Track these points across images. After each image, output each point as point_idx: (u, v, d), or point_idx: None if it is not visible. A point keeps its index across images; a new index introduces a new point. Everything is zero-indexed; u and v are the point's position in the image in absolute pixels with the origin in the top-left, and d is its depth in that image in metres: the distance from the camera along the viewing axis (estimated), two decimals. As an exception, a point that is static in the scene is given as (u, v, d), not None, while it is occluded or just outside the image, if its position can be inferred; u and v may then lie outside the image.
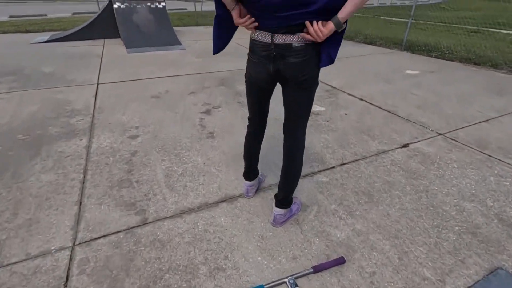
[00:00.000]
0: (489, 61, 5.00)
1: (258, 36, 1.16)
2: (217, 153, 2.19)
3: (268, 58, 1.16)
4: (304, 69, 1.16)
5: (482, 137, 2.42)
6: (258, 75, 1.24)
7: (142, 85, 3.62)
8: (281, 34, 1.10)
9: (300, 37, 1.09)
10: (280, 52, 1.13)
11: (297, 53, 1.12)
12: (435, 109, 2.98)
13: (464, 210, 1.62)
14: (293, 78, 1.18)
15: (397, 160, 2.11)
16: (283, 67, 1.16)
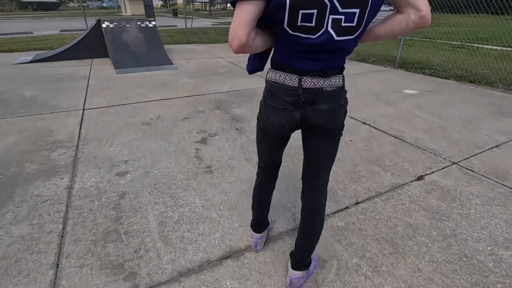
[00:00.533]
0: (483, 79, 5.02)
1: (281, 78, 0.97)
2: (217, 192, 1.96)
3: (295, 105, 0.98)
4: (336, 116, 0.99)
5: (498, 166, 2.28)
6: (280, 124, 1.04)
7: (132, 110, 3.39)
8: (311, 77, 0.93)
9: (332, 80, 0.94)
10: (310, 97, 0.96)
11: (329, 98, 0.96)
12: (443, 134, 2.85)
13: (501, 261, 1.44)
14: (321, 126, 1.00)
15: (415, 196, 1.93)
16: (311, 115, 0.98)
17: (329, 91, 0.95)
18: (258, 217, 1.43)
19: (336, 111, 0.98)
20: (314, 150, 1.09)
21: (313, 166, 1.13)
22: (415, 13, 0.82)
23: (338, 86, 0.97)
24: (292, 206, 1.84)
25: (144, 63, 5.55)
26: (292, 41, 0.87)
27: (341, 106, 0.99)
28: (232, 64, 6.07)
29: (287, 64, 0.95)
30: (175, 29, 13.92)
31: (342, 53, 0.91)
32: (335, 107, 0.97)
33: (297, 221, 1.70)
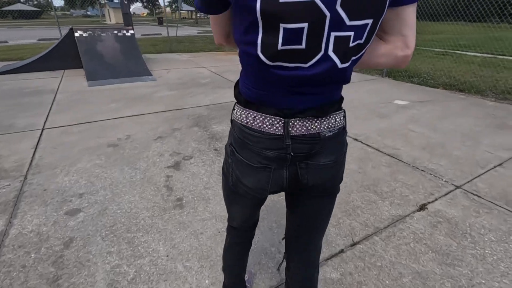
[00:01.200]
0: (472, 88, 4.90)
1: (257, 121, 0.67)
2: (186, 234, 1.63)
3: (281, 161, 0.69)
4: (338, 170, 0.75)
5: (506, 190, 2.04)
6: (257, 187, 0.74)
7: (99, 129, 3.03)
8: (302, 119, 0.64)
9: (332, 120, 0.68)
10: (302, 149, 0.68)
11: (329, 147, 0.69)
12: (442, 151, 2.62)
13: (534, 324, 1.16)
14: (319, 186, 0.73)
15: (419, 232, 1.65)
16: (305, 172, 0.70)
17: (329, 137, 0.68)
18: (232, 281, 1.11)
19: (339, 163, 0.71)
20: (306, 214, 0.80)
21: (303, 234, 0.83)
22: (403, 49, 0.61)
23: (340, 127, 0.69)
24: (277, 251, 1.53)
25: (120, 75, 5.18)
26: (272, 73, 0.59)
27: (344, 155, 0.72)
28: (215, 75, 5.78)
29: (265, 101, 0.65)
30: (160, 37, 13.58)
31: (343, 83, 0.64)
32: (338, 157, 0.70)
33: (283, 274, 1.39)
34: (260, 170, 0.71)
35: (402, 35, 0.60)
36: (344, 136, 0.73)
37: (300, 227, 0.84)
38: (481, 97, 4.46)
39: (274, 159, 0.68)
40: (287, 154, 0.67)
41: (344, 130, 0.72)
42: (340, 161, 0.73)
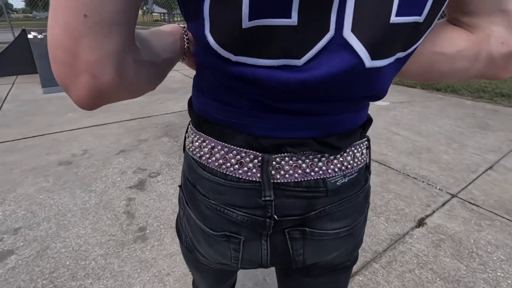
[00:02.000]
0: (448, 87, 4.94)
1: (215, 156, 0.40)
2: (148, 278, 1.31)
3: (256, 228, 0.42)
4: (358, 236, 0.50)
5: (503, 197, 1.91)
6: (218, 261, 0.48)
7: (51, 144, 2.61)
8: (294, 156, 0.39)
9: (353, 156, 0.43)
10: (294, 209, 0.41)
11: (343, 204, 0.43)
12: (430, 156, 2.48)
13: None
14: (324, 263, 0.48)
15: (422, 254, 1.45)
16: (300, 246, 0.44)
17: (343, 185, 0.42)
18: None
19: (359, 227, 0.48)
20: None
21: None
22: (506, 39, 0.33)
23: (361, 167, 0.45)
24: (262, 292, 1.26)
25: (81, 80, 4.69)
26: (237, 76, 0.32)
27: (366, 212, 0.50)
28: (188, 78, 5.44)
29: (230, 122, 0.38)
30: (129, 40, 12.94)
31: (373, 98, 0.38)
32: (357, 219, 0.46)
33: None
34: (220, 241, 0.44)
35: (504, 12, 0.33)
36: (368, 181, 0.47)
37: None
38: (458, 96, 4.48)
39: (243, 225, 0.41)
40: (266, 218, 0.40)
41: (367, 171, 0.47)
42: (360, 225, 0.48)
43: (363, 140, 0.44)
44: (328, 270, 0.51)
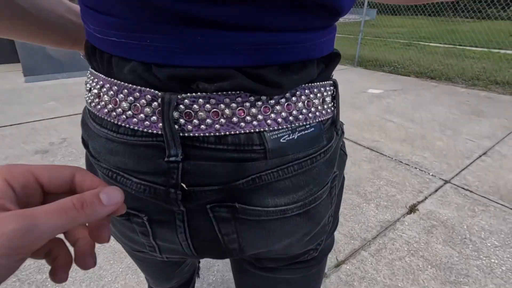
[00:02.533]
0: (442, 75, 4.87)
1: (101, 98, 0.29)
2: (122, 269, 1.22)
3: (159, 205, 0.30)
4: (320, 218, 0.36)
5: (497, 182, 1.85)
6: (133, 246, 0.39)
7: (29, 132, 2.48)
8: (215, 96, 0.26)
9: (307, 103, 0.31)
10: (214, 176, 0.28)
11: (290, 172, 0.30)
12: (423, 143, 2.41)
13: None
14: (273, 254, 0.38)
15: (413, 241, 1.38)
16: (231, 230, 0.33)
17: (289, 144, 0.29)
18: None
19: (320, 201, 0.34)
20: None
21: None
22: None
23: (322, 120, 0.33)
24: (242, 283, 1.17)
25: (65, 68, 4.53)
26: None
27: (331, 185, 0.36)
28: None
29: (115, 45, 0.26)
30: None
31: (328, 8, 0.27)
32: (313, 193, 0.33)
33: None
34: (121, 221, 0.34)
35: None
36: (333, 141, 0.34)
37: None
38: (452, 84, 4.41)
39: (143, 197, 0.30)
40: (169, 188, 0.29)
41: (333, 127, 0.35)
42: (323, 202, 0.35)
43: (326, 83, 0.33)
44: (287, 263, 0.41)
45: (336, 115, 0.35)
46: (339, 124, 0.37)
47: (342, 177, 0.42)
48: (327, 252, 0.46)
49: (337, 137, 0.36)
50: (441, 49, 8.03)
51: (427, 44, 9.65)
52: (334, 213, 0.41)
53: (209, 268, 1.24)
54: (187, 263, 0.62)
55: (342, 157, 0.40)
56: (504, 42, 7.52)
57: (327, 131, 0.33)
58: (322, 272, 0.48)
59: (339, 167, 0.39)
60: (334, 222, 0.43)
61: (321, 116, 0.32)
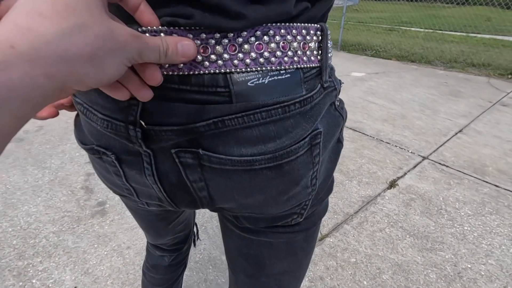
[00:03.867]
0: (422, 58, 4.97)
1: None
2: (106, 252, 1.21)
3: (122, 144, 0.31)
4: (290, 175, 0.33)
5: (472, 157, 1.94)
6: (114, 188, 0.40)
7: (1, 121, 2.36)
8: (172, 35, 0.25)
9: (283, 44, 0.28)
10: (170, 117, 0.28)
11: (255, 117, 0.28)
12: (404, 122, 2.47)
13: (531, 313, 0.99)
14: (247, 212, 0.37)
15: (393, 214, 1.44)
16: (198, 178, 0.32)
17: (257, 89, 0.28)
18: None
19: (297, 158, 0.32)
20: (241, 256, 0.46)
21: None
22: None
23: (304, 68, 0.30)
24: (229, 259, 1.19)
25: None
26: None
27: (314, 140, 0.33)
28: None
29: None
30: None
31: None
32: (286, 143, 0.30)
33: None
34: (95, 159, 0.36)
35: None
36: (315, 91, 0.31)
37: (239, 276, 0.49)
38: (432, 67, 4.51)
39: (107, 133, 0.31)
40: (128, 124, 0.29)
41: (318, 78, 0.32)
42: (300, 159, 0.32)
43: (311, 25, 0.29)
44: (267, 225, 0.40)
45: (324, 66, 0.32)
46: (326, 76, 0.32)
47: (337, 143, 0.40)
48: (316, 221, 0.43)
49: (322, 90, 0.32)
50: (422, 34, 8.16)
51: (408, 29, 9.77)
52: (324, 179, 0.39)
53: (195, 247, 1.25)
54: (180, 221, 0.61)
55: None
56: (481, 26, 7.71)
57: (308, 81, 0.31)
58: (311, 241, 0.46)
59: (329, 129, 0.35)
60: (323, 188, 0.40)
61: (301, 62, 0.29)
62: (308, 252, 0.47)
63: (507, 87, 3.39)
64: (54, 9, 0.16)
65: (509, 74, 3.85)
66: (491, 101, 2.92)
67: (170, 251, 0.72)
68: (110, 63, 0.19)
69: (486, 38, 6.91)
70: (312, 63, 0.30)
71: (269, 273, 0.46)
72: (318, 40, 0.31)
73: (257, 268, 0.46)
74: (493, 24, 8.53)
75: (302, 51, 0.29)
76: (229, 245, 0.48)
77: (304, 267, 0.49)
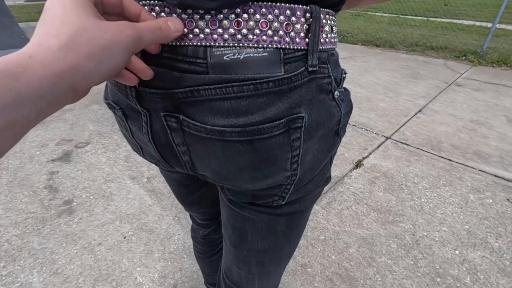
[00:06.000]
0: (386, 43, 5.16)
1: None
2: (76, 250, 1.18)
3: (126, 99, 0.37)
4: (261, 153, 0.33)
5: (429, 135, 2.08)
6: (130, 141, 0.45)
7: None
8: (165, 8, 0.29)
9: (263, 25, 0.29)
10: (155, 81, 0.32)
11: (227, 90, 0.30)
12: (369, 105, 2.58)
13: (476, 270, 1.11)
14: (227, 184, 0.39)
15: (359, 192, 1.53)
16: (181, 141, 0.35)
17: (232, 64, 0.29)
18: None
19: (271, 137, 0.32)
20: (230, 228, 0.49)
21: (229, 257, 0.54)
22: None
23: (285, 49, 0.30)
24: (203, 247, 1.21)
25: None
26: None
27: (292, 127, 0.32)
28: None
29: None
30: (49, 3, 11.11)
31: None
32: (258, 120, 0.31)
33: (211, 276, 1.09)
34: (114, 116, 0.48)
35: None
36: (297, 72, 0.31)
37: (228, 245, 0.52)
38: (395, 51, 4.71)
39: (116, 90, 0.37)
40: (126, 85, 0.34)
41: (304, 61, 0.31)
42: (275, 138, 0.32)
43: (297, 6, 0.29)
44: (247, 201, 0.42)
45: (312, 49, 0.31)
46: (313, 61, 0.31)
47: (333, 136, 0.38)
48: (300, 208, 0.43)
49: (307, 74, 0.31)
50: (386, 19, 8.43)
51: (374, 14, 10.05)
52: (311, 168, 0.38)
53: (169, 238, 1.25)
54: (205, 195, 0.62)
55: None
56: (440, 11, 8.09)
57: (291, 62, 0.30)
58: (294, 227, 0.46)
59: (318, 117, 0.34)
60: (309, 177, 0.39)
61: (283, 43, 0.29)
62: (291, 238, 0.48)
63: (461, 68, 3.64)
64: (55, 27, 0.21)
65: (463, 56, 4.12)
66: (447, 82, 3.12)
67: (202, 226, 0.75)
68: (107, 57, 0.23)
69: (444, 22, 7.28)
70: (297, 45, 0.30)
71: (250, 248, 0.48)
72: (306, 23, 0.30)
73: (239, 240, 0.48)
74: (450, 8, 9.00)
75: (285, 31, 0.29)
76: (222, 212, 0.50)
77: (285, 251, 0.50)
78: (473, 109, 2.44)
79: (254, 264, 0.51)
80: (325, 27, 0.32)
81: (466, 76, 3.32)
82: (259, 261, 0.50)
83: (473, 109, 2.45)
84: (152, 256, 1.16)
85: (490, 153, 1.83)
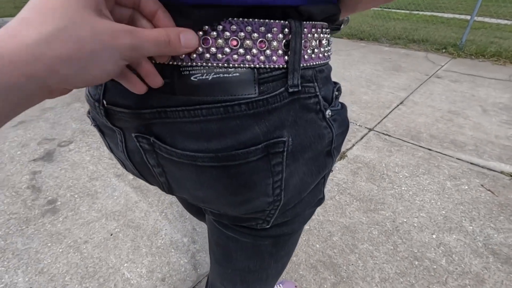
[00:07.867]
0: (370, 36, 5.24)
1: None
2: (62, 249, 1.18)
3: (100, 120, 0.37)
4: (238, 180, 0.31)
5: (409, 126, 2.15)
6: (126, 163, 0.42)
7: None
8: None
9: (235, 46, 0.26)
10: (122, 99, 0.31)
11: (196, 113, 0.28)
12: (352, 98, 2.64)
13: (451, 252, 1.18)
14: (205, 205, 0.38)
15: (342, 182, 1.57)
16: (155, 162, 0.34)
17: (201, 85, 0.27)
18: None
19: (247, 165, 0.29)
20: (215, 247, 0.48)
21: (214, 274, 0.54)
22: None
23: (260, 68, 0.27)
24: (191, 241, 1.23)
25: None
26: None
27: (271, 152, 0.29)
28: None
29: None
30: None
31: None
32: (233, 146, 0.28)
33: (199, 270, 1.11)
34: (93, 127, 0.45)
35: None
36: (275, 96, 0.28)
37: (211, 258, 0.53)
38: (378, 44, 4.79)
39: (90, 105, 0.36)
40: (95, 101, 0.33)
41: (284, 81, 0.29)
42: (251, 167, 0.30)
43: (273, 22, 0.26)
44: (230, 223, 0.40)
45: (292, 68, 0.28)
46: (295, 80, 0.28)
47: (325, 157, 0.35)
48: (289, 232, 0.41)
49: (287, 95, 0.29)
50: (370, 12, 8.52)
51: (359, 8, 10.19)
52: (299, 192, 0.35)
53: (156, 233, 1.26)
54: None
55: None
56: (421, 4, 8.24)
57: (266, 83, 0.28)
58: (281, 248, 0.43)
59: (305, 140, 0.31)
60: (295, 200, 0.35)
61: (256, 62, 0.27)
62: (278, 258, 0.45)
63: (441, 60, 3.74)
64: (40, 15, 0.18)
65: (444, 48, 4.24)
66: (427, 74, 3.21)
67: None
68: (95, 63, 0.20)
69: (426, 15, 7.44)
70: (274, 63, 0.27)
71: (234, 267, 0.46)
72: (285, 39, 0.27)
73: (224, 258, 0.47)
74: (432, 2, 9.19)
75: (259, 49, 0.26)
76: (207, 226, 0.49)
77: (273, 272, 0.48)
78: (450, 100, 2.53)
79: (239, 283, 0.49)
80: (311, 41, 0.29)
81: (446, 68, 3.43)
82: (244, 280, 0.48)
83: (451, 100, 2.54)
84: (139, 252, 1.17)
85: (465, 142, 1.91)
